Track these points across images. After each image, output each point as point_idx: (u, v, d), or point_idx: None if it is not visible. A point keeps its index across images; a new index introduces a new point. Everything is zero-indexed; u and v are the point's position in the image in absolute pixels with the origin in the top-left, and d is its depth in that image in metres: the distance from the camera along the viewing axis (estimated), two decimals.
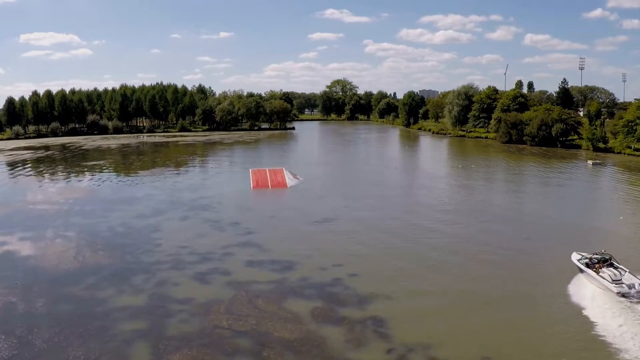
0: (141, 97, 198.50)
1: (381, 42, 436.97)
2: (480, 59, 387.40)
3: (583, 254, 31.31)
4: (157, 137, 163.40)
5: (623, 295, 26.23)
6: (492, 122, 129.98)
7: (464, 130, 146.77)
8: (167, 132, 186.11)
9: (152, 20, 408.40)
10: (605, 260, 29.55)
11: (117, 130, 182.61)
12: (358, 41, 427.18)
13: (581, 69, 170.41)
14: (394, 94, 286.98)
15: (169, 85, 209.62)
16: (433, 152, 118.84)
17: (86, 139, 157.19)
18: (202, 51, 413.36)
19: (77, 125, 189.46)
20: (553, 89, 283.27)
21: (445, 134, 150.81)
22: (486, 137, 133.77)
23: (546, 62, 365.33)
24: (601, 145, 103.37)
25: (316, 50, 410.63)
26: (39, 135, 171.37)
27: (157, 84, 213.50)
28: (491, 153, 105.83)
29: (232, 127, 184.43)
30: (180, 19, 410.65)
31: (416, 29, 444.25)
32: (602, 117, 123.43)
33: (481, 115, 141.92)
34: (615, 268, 28.83)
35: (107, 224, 45.15)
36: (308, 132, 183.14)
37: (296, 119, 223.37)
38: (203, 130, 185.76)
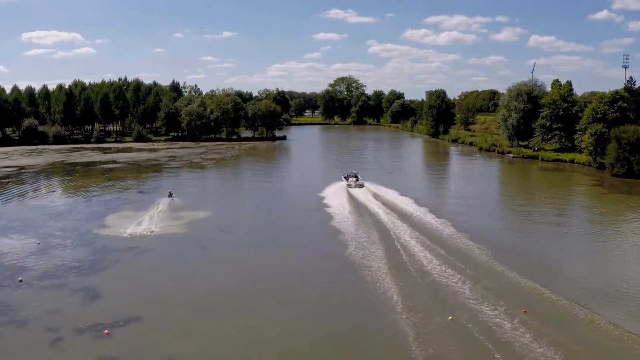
0: (92, 97, 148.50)
1: (385, 43, 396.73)
2: (484, 60, 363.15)
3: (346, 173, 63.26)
4: (92, 152, 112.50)
5: (348, 186, 57.90)
6: (586, 137, 77.88)
7: (528, 147, 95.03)
8: (121, 141, 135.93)
9: (156, 20, 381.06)
10: (353, 175, 60.66)
11: (59, 139, 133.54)
12: (362, 42, 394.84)
13: (625, 67, 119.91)
14: (403, 94, 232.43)
15: (132, 81, 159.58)
16: (519, 203, 63.06)
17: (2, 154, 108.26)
18: (205, 51, 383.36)
19: (11, 131, 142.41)
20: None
21: (502, 153, 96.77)
22: (573, 161, 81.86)
23: (551, 64, 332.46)
24: None
25: (320, 51, 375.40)
26: None
27: (120, 79, 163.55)
28: (625, 208, 53.33)
29: (204, 136, 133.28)
30: (184, 19, 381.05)
31: (420, 30, 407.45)
32: None
33: (554, 126, 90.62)
34: (356, 178, 59.69)
35: None
36: (302, 145, 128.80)
37: (287, 123, 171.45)
38: (165, 140, 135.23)
